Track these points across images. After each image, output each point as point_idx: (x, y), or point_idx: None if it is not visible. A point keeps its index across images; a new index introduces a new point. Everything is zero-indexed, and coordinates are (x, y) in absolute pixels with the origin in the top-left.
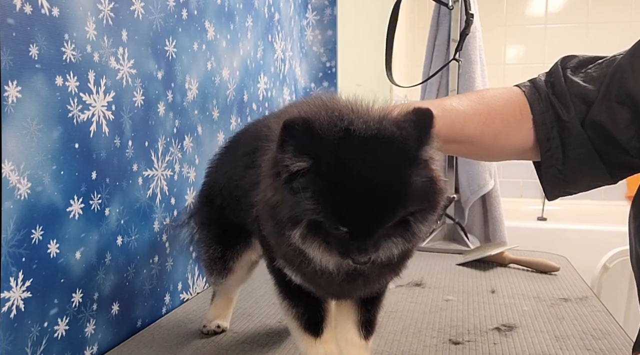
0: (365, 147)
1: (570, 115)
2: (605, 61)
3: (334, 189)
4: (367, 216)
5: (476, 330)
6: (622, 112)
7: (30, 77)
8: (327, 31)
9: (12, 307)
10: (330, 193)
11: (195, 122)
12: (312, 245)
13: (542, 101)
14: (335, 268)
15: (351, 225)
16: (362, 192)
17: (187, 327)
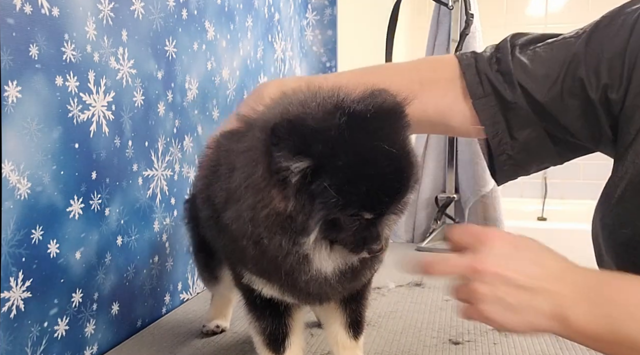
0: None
1: (516, 95)
2: (557, 43)
3: (354, 178)
4: (391, 196)
5: (476, 330)
6: (575, 104)
7: (30, 77)
8: (327, 31)
9: (12, 307)
10: (352, 184)
11: (195, 122)
12: (320, 249)
13: (482, 83)
14: (333, 269)
15: (377, 209)
16: (382, 172)
17: (187, 327)
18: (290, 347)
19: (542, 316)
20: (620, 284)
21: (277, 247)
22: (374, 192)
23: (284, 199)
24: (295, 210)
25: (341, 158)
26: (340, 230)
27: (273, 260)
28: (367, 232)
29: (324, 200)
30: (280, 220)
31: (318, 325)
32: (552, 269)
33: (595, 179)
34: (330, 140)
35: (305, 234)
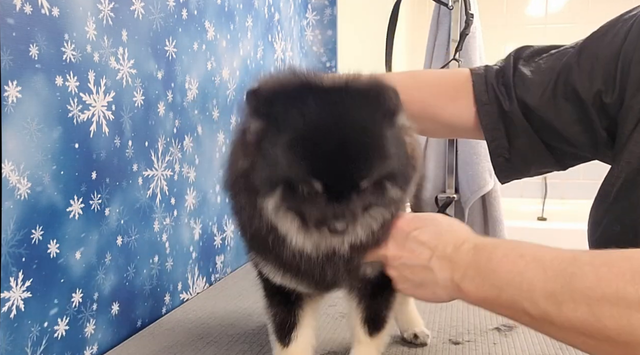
0: (334, 98)
1: (513, 106)
2: (557, 53)
3: (304, 141)
4: (342, 168)
5: (476, 330)
6: (567, 108)
7: (30, 77)
8: (327, 31)
9: (12, 307)
10: (300, 146)
11: (195, 122)
12: (286, 219)
13: (487, 92)
14: (314, 248)
15: (325, 178)
16: (335, 141)
17: (187, 327)
18: (296, 340)
19: (442, 288)
20: (502, 253)
21: (244, 210)
22: (320, 159)
23: (244, 158)
24: (250, 167)
25: (293, 122)
26: (302, 202)
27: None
28: (327, 207)
29: (272, 160)
30: (242, 179)
31: None
32: (447, 244)
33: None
34: (287, 105)
35: (262, 195)
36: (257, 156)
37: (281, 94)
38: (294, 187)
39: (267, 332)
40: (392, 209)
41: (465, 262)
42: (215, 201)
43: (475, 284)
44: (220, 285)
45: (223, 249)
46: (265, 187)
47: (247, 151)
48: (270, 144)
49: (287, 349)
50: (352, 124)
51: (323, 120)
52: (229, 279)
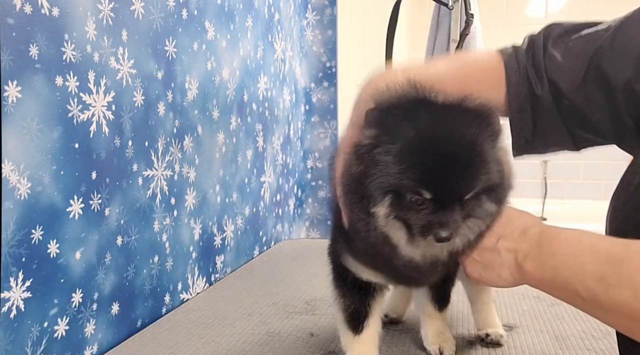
0: (447, 113)
1: (544, 90)
2: (587, 35)
3: (416, 151)
4: (451, 179)
5: (475, 330)
6: (597, 94)
7: (30, 77)
8: (327, 31)
9: (12, 307)
10: (412, 155)
11: (195, 122)
12: (395, 227)
13: (519, 72)
14: (421, 257)
15: (434, 188)
16: (446, 153)
17: (187, 327)
18: (368, 327)
19: (507, 269)
20: (563, 237)
21: (355, 216)
22: (431, 170)
23: (357, 164)
24: (362, 173)
25: (406, 132)
26: (409, 210)
27: (359, 236)
28: (433, 216)
29: (384, 167)
30: (354, 184)
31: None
32: (515, 229)
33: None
34: (400, 116)
35: (373, 202)
36: (368, 160)
37: (396, 105)
38: (402, 196)
39: (267, 332)
40: (487, 221)
41: (530, 244)
42: (215, 201)
43: (536, 265)
44: (220, 285)
45: (223, 249)
46: (377, 195)
47: (361, 157)
48: (381, 150)
49: (359, 336)
50: (463, 139)
51: (435, 133)
52: (229, 279)
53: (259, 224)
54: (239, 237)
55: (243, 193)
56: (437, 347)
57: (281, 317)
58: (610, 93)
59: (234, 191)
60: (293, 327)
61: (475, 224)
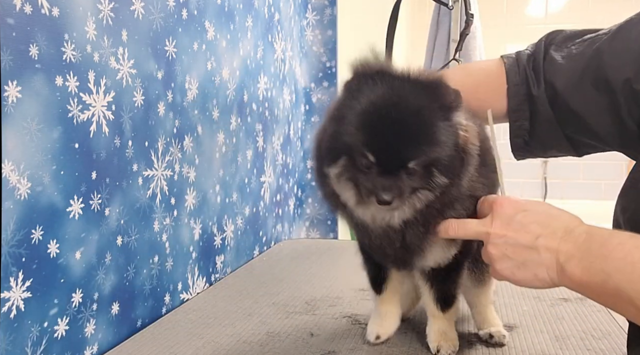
0: (401, 85)
1: (540, 90)
2: (589, 39)
3: (365, 115)
4: (394, 145)
5: (477, 330)
6: (596, 97)
7: (30, 77)
8: (327, 31)
9: (12, 307)
10: (361, 119)
11: (195, 122)
12: (346, 187)
13: (519, 74)
14: (371, 219)
15: (377, 151)
16: (391, 120)
17: (187, 327)
18: (387, 290)
19: (545, 269)
20: (617, 241)
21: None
22: (376, 134)
23: (321, 127)
24: (322, 135)
25: (362, 99)
26: (359, 172)
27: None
28: (378, 179)
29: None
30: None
31: None
32: (557, 228)
33: (596, 179)
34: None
35: (327, 163)
36: (329, 122)
37: (363, 75)
38: (354, 158)
39: (267, 332)
40: (436, 193)
41: (575, 245)
42: (215, 201)
43: (582, 267)
44: (220, 285)
45: (223, 249)
46: (330, 156)
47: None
48: (341, 114)
49: (380, 296)
50: (409, 107)
51: (385, 100)
52: (229, 279)
53: (259, 224)
54: (239, 237)
55: (243, 193)
56: (435, 344)
57: (281, 317)
58: (609, 94)
59: (234, 191)
60: (293, 327)
61: (424, 194)
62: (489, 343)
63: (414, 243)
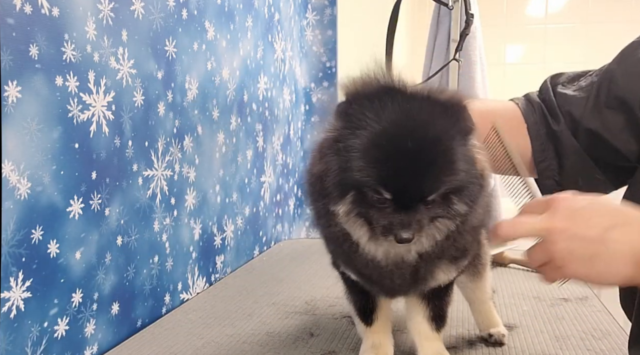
0: (413, 106)
1: (560, 126)
2: (595, 71)
3: (377, 147)
4: (412, 179)
5: (476, 330)
6: (614, 117)
7: (30, 77)
8: (327, 31)
9: (12, 307)
10: (373, 152)
11: (195, 122)
12: (356, 224)
13: (535, 113)
14: (384, 256)
15: (394, 188)
16: (408, 151)
17: (187, 327)
18: (377, 320)
19: (618, 260)
20: None
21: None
22: (391, 168)
23: (319, 160)
24: (322, 169)
25: (368, 126)
26: (371, 208)
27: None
28: (395, 216)
29: (345, 163)
30: (316, 182)
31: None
32: (625, 219)
33: None
34: (365, 107)
35: (334, 200)
36: (330, 157)
37: (362, 95)
38: (364, 193)
39: (267, 332)
40: (457, 222)
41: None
42: (215, 201)
43: None
44: (220, 285)
45: (223, 249)
46: (336, 193)
47: (323, 152)
48: (345, 146)
49: (371, 328)
50: (427, 135)
51: (399, 128)
52: (229, 279)
53: (259, 224)
54: (239, 237)
55: (243, 193)
56: None
57: (281, 317)
58: (628, 112)
59: (234, 191)
60: (293, 327)
61: (444, 224)
62: (488, 342)
63: (427, 273)
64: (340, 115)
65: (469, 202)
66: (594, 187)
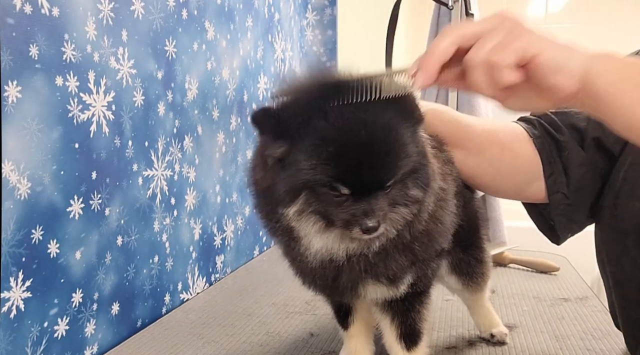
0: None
1: (566, 137)
2: None
3: (327, 144)
4: (370, 169)
5: (476, 330)
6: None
7: (30, 77)
8: (327, 31)
9: (12, 307)
10: (324, 149)
11: (195, 122)
12: (307, 222)
13: (537, 128)
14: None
15: (353, 182)
16: (358, 143)
17: (187, 327)
18: (353, 324)
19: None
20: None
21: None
22: (343, 162)
23: (263, 175)
24: (272, 184)
25: (314, 125)
26: (329, 205)
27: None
28: (356, 207)
29: (294, 170)
30: (261, 191)
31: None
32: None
33: None
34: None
35: (283, 204)
36: (278, 173)
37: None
38: (317, 192)
39: (267, 332)
40: (413, 209)
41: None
42: (215, 201)
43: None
44: (220, 285)
45: (223, 249)
46: (288, 197)
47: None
48: (293, 156)
49: (347, 331)
50: (377, 124)
51: (346, 121)
52: (229, 279)
53: (259, 224)
54: (239, 237)
55: (243, 193)
56: None
57: (281, 317)
58: None
59: (234, 191)
60: (293, 327)
61: (401, 212)
62: (490, 342)
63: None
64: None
65: (423, 186)
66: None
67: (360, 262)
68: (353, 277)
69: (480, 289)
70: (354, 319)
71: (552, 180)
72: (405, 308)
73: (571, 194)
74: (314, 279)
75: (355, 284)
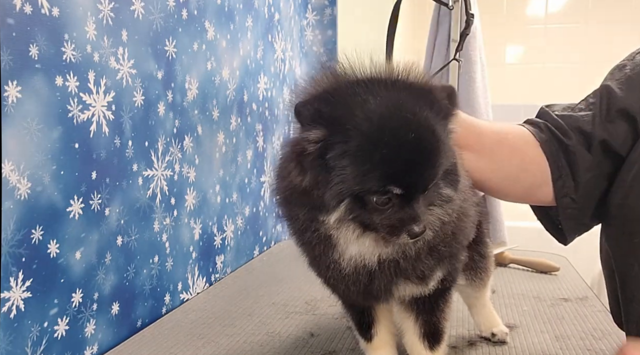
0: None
1: (573, 141)
2: (590, 95)
3: (376, 147)
4: (418, 169)
5: (476, 330)
6: (617, 127)
7: (30, 77)
8: (327, 31)
9: (12, 307)
10: (373, 153)
11: (195, 122)
12: (347, 229)
13: (543, 132)
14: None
15: (405, 184)
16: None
17: (187, 327)
18: (377, 335)
19: None
20: None
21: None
22: (395, 164)
23: (301, 173)
24: (310, 184)
25: (359, 126)
26: (372, 212)
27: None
28: (402, 212)
29: (340, 173)
30: (298, 195)
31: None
32: None
33: None
34: (347, 106)
35: (324, 211)
36: (321, 170)
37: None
38: (362, 199)
39: (267, 332)
40: (448, 209)
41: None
42: (215, 201)
43: None
44: (220, 285)
45: (223, 249)
46: (331, 204)
47: (307, 165)
48: (333, 154)
49: (371, 343)
50: (421, 123)
51: (392, 121)
52: (229, 279)
53: (259, 224)
54: (239, 237)
55: (243, 193)
56: None
57: (281, 317)
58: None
59: (234, 191)
60: (293, 327)
61: (436, 213)
62: (490, 342)
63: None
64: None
65: (454, 185)
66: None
67: (391, 264)
68: (386, 279)
69: (483, 284)
70: (377, 330)
71: (559, 184)
72: (430, 307)
73: (579, 198)
74: (347, 286)
75: (389, 286)
